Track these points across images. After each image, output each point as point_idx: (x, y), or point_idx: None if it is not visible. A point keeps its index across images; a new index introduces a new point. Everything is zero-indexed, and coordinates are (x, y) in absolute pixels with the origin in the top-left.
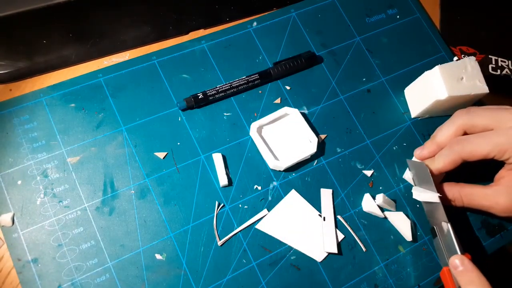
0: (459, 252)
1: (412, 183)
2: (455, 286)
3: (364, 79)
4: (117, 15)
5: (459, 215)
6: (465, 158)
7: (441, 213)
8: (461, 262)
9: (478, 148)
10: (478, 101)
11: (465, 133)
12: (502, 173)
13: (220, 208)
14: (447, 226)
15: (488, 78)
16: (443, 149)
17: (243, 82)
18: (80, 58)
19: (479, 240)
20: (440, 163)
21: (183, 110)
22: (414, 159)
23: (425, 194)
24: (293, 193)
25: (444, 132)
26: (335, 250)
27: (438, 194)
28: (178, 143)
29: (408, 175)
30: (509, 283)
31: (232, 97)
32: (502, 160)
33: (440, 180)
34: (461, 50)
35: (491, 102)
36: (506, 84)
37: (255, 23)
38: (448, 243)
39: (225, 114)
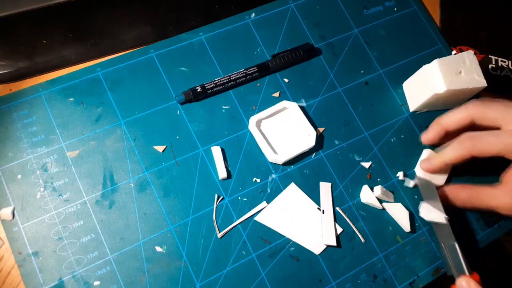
0: (467, 273)
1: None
2: None
3: (362, 72)
4: (117, 15)
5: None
6: (475, 156)
7: (448, 233)
8: (467, 284)
9: (489, 147)
10: (476, 95)
11: (472, 122)
12: (510, 172)
13: (220, 201)
14: (455, 246)
15: (488, 78)
16: (453, 142)
17: (242, 75)
18: (80, 58)
19: (478, 233)
20: (447, 157)
21: (182, 103)
22: (421, 173)
23: (432, 215)
24: (293, 186)
25: (453, 116)
26: (334, 243)
27: (445, 216)
28: (177, 137)
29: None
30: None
31: (230, 90)
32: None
33: (448, 172)
34: (461, 50)
35: None
36: (506, 84)
37: (253, 14)
38: (456, 262)
39: (223, 107)
